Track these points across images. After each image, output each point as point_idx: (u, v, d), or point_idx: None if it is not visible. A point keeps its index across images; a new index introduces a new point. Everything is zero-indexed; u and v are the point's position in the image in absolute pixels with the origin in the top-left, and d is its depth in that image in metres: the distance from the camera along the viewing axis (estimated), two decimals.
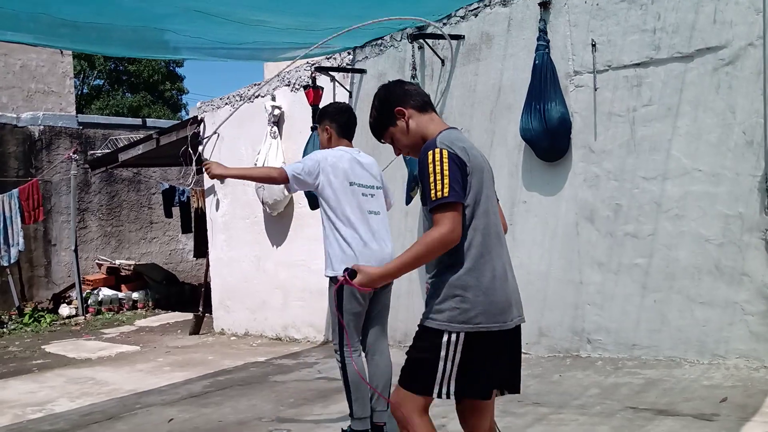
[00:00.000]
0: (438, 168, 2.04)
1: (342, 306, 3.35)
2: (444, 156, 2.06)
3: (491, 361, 2.14)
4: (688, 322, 4.24)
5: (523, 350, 2.35)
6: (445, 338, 2.08)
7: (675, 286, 4.30)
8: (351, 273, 2.17)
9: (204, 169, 3.58)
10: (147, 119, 13.66)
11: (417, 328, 2.19)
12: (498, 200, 2.38)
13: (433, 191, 2.03)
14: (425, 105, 2.31)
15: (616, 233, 4.55)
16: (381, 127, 2.35)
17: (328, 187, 3.40)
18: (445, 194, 2.01)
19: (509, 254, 2.26)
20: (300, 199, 6.60)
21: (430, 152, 2.08)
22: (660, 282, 4.35)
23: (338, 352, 3.39)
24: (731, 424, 3.22)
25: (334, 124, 3.59)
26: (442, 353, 2.08)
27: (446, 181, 2.03)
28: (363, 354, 3.53)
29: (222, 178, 3.60)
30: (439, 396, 2.12)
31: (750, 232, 4.02)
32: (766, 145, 3.92)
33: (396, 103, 2.28)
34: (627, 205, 4.50)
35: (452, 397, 2.13)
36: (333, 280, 3.39)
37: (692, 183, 4.23)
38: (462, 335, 2.08)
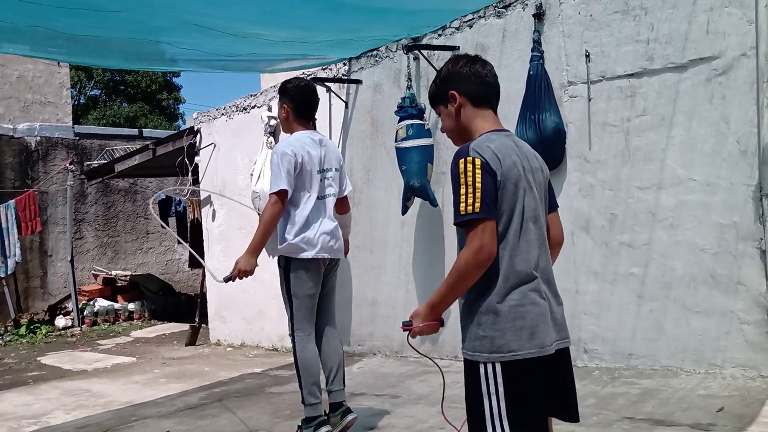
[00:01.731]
0: (470, 180, 1.86)
1: (291, 289, 3.41)
2: (477, 165, 1.87)
3: (541, 391, 1.93)
4: (685, 331, 4.24)
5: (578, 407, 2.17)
6: (482, 370, 1.90)
7: (671, 295, 4.31)
8: (408, 323, 2.03)
9: (240, 275, 3.53)
10: (143, 129, 13.68)
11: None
12: (557, 207, 2.21)
13: (462, 204, 1.85)
14: (484, 99, 2.09)
15: (612, 243, 4.56)
16: (433, 101, 2.19)
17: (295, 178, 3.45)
18: (476, 210, 1.84)
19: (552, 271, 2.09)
20: None
21: (462, 160, 1.89)
22: (656, 291, 4.36)
23: (291, 336, 3.43)
24: None
25: (291, 104, 3.56)
26: (483, 387, 1.90)
27: (478, 194, 1.84)
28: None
29: (256, 256, 3.59)
30: None
31: (745, 241, 4.03)
32: (760, 155, 3.94)
33: (452, 86, 2.09)
34: (622, 214, 4.51)
35: None
36: (280, 261, 3.49)
37: (687, 193, 4.24)
38: (498, 366, 1.89)
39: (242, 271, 3.49)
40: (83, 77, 23.63)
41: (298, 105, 3.55)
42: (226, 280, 3.51)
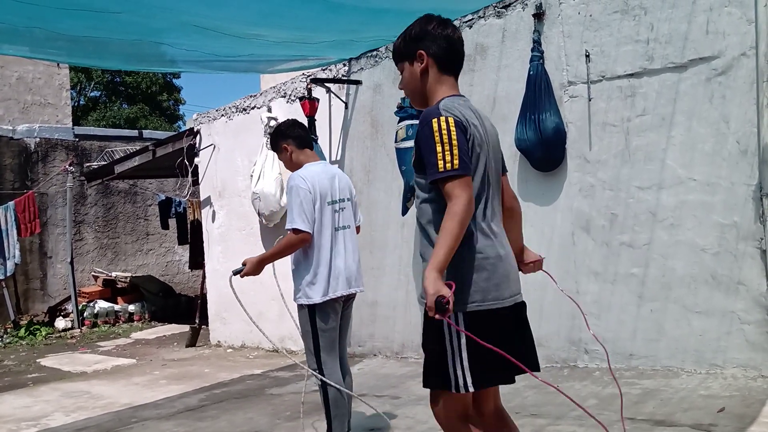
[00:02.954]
0: (446, 138, 1.90)
1: (316, 325, 3.37)
2: (451, 124, 1.92)
3: (501, 342, 1.99)
4: (685, 331, 4.24)
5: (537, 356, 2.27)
6: (444, 322, 1.97)
7: (671, 295, 4.30)
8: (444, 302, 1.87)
9: (243, 273, 3.55)
10: (143, 131, 13.66)
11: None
12: (506, 171, 2.29)
13: (441, 162, 1.89)
14: (450, 65, 2.13)
15: (612, 243, 4.55)
16: (398, 57, 2.20)
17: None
18: (455, 166, 1.89)
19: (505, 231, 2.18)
20: None
21: (435, 120, 1.94)
22: (656, 292, 4.35)
23: (317, 371, 3.38)
24: None
25: (289, 140, 3.56)
26: (446, 338, 1.99)
27: (455, 151, 1.90)
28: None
29: (262, 268, 3.60)
30: (457, 389, 2.00)
31: (745, 241, 4.02)
32: (760, 155, 3.93)
33: (423, 45, 2.10)
34: (622, 214, 4.51)
35: (472, 388, 2.00)
36: (302, 306, 3.41)
37: (687, 192, 4.24)
38: (460, 316, 1.98)
39: (249, 272, 3.55)
40: (83, 78, 23.62)
41: (296, 138, 3.57)
42: (235, 272, 3.54)
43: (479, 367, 1.98)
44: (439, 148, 1.91)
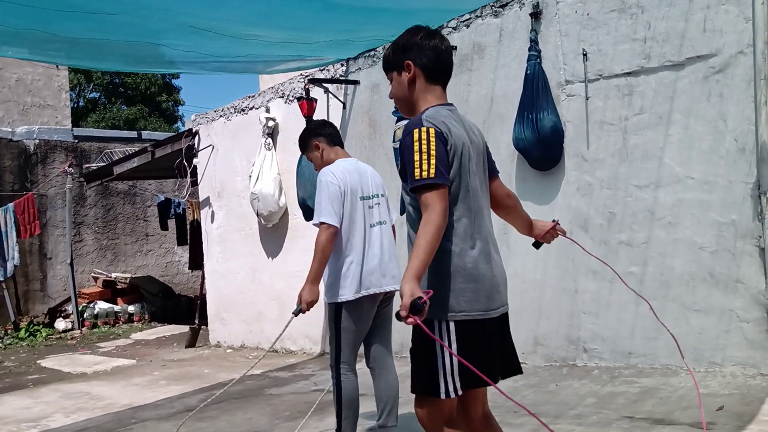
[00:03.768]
0: (425, 147, 1.94)
1: (341, 323, 3.28)
2: (431, 134, 1.96)
3: (488, 347, 2.07)
4: (684, 330, 4.24)
5: (519, 360, 2.30)
6: (435, 327, 2.01)
7: (670, 294, 4.30)
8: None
9: (307, 307, 3.33)
10: (142, 132, 13.67)
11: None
12: (498, 172, 2.31)
13: (417, 170, 1.93)
14: (437, 75, 2.15)
15: (610, 241, 4.55)
16: (386, 67, 2.23)
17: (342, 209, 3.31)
18: (431, 175, 1.92)
19: (495, 239, 2.19)
20: (295, 210, 6.60)
21: (416, 130, 1.98)
22: (655, 290, 4.35)
23: (333, 368, 3.34)
24: None
25: (321, 137, 3.52)
26: (436, 345, 2.01)
27: (433, 161, 1.93)
28: (369, 370, 3.46)
29: (317, 284, 3.41)
30: (447, 395, 2.02)
31: (743, 239, 4.02)
32: (757, 152, 3.93)
33: (409, 56, 2.13)
34: (620, 213, 4.51)
35: (460, 391, 2.03)
36: (331, 304, 3.33)
37: (685, 191, 4.24)
38: (452, 324, 2.01)
39: (308, 303, 3.32)
40: (82, 80, 23.62)
41: (328, 136, 3.53)
42: (296, 313, 3.39)
43: (467, 371, 2.00)
44: (416, 157, 1.95)
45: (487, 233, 2.12)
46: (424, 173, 1.93)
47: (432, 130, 1.97)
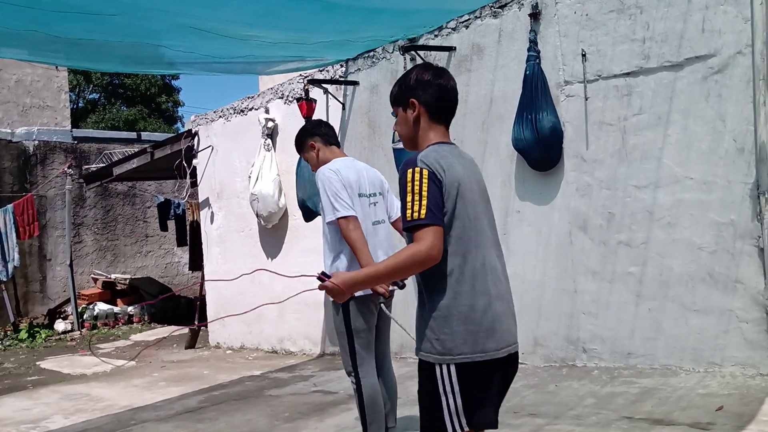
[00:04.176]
0: (416, 188, 1.96)
1: (351, 325, 3.22)
2: (424, 176, 1.98)
3: (491, 388, 2.04)
4: (683, 330, 4.24)
5: (519, 360, 2.24)
6: (437, 371, 2.00)
7: (669, 294, 4.30)
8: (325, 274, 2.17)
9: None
10: (142, 133, 13.67)
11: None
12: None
13: (409, 211, 1.96)
14: (441, 114, 2.18)
15: (610, 242, 4.55)
16: (393, 102, 2.26)
17: None
18: (422, 216, 1.94)
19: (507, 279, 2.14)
20: (294, 210, 6.59)
21: (410, 170, 2.00)
22: (654, 290, 4.35)
23: (352, 375, 3.27)
24: None
25: (316, 137, 3.50)
26: (440, 387, 2.00)
27: (424, 202, 1.94)
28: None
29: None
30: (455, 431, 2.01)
31: (742, 239, 4.03)
32: (756, 153, 3.93)
33: (415, 94, 2.16)
34: (619, 213, 4.51)
35: (467, 429, 2.01)
36: (337, 305, 3.25)
37: (684, 191, 4.24)
38: (453, 367, 1.98)
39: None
40: (82, 81, 23.62)
41: (323, 135, 3.51)
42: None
43: (472, 409, 2.01)
44: (408, 198, 1.97)
45: (490, 268, 2.07)
46: (416, 214, 1.95)
47: (425, 171, 1.99)
